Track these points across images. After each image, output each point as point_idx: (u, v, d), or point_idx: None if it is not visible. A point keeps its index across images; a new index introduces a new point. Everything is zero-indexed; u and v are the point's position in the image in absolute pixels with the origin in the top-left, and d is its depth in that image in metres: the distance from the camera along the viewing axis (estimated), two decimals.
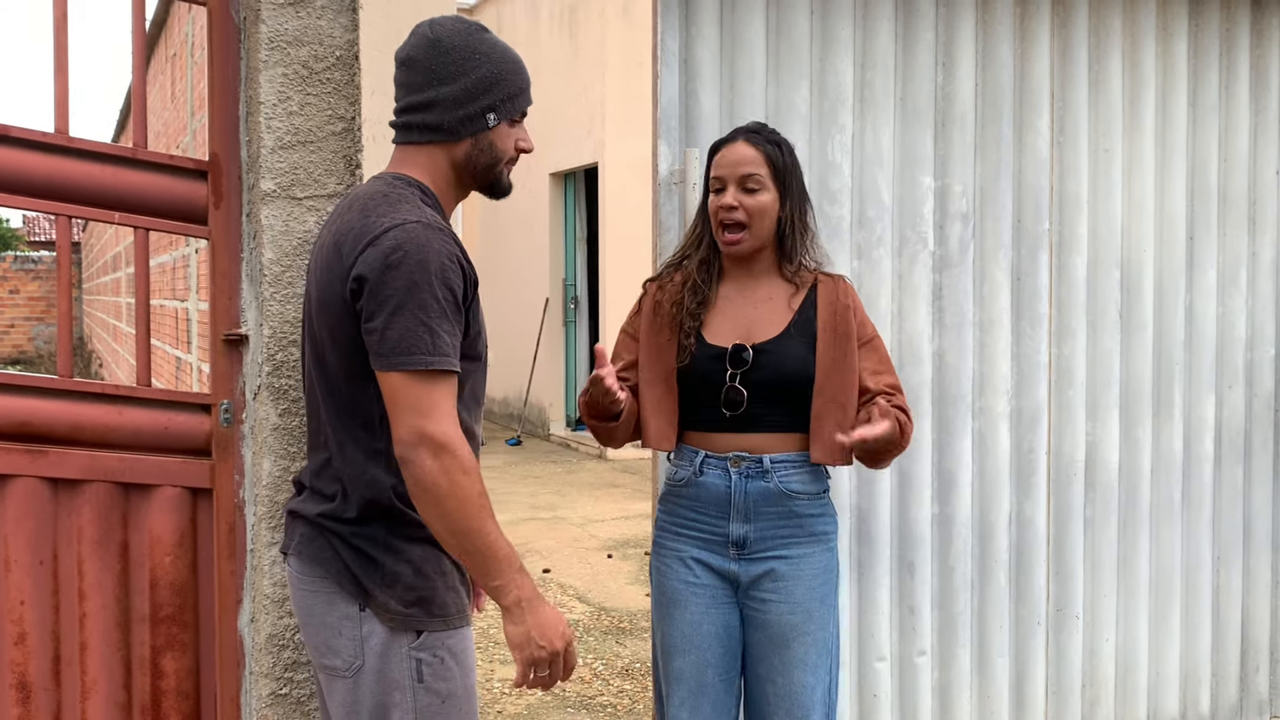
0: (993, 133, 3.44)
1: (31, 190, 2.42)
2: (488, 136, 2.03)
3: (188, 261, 6.14)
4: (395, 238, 1.85)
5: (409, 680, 1.95)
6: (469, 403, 2.03)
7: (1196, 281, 3.76)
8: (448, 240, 1.89)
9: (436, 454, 1.83)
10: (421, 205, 1.94)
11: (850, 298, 2.52)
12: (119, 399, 2.52)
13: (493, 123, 2.02)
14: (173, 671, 2.56)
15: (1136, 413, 3.68)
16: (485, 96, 2.00)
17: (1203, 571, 3.81)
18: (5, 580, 2.46)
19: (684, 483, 2.53)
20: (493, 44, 2.03)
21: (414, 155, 2.04)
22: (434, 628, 1.97)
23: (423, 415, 1.83)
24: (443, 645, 1.98)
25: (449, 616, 1.99)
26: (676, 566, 2.54)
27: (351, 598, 1.97)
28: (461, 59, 1.98)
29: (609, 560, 6.80)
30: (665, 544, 2.57)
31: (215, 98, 2.52)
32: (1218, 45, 3.75)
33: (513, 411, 12.98)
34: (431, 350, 1.84)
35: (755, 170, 2.42)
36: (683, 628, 2.51)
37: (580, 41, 11.27)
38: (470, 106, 2.00)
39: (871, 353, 2.51)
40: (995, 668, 3.51)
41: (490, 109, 2.01)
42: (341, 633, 1.98)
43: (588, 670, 4.86)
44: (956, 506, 3.44)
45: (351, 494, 1.97)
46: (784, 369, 2.44)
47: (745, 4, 3.14)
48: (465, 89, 1.99)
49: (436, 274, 1.85)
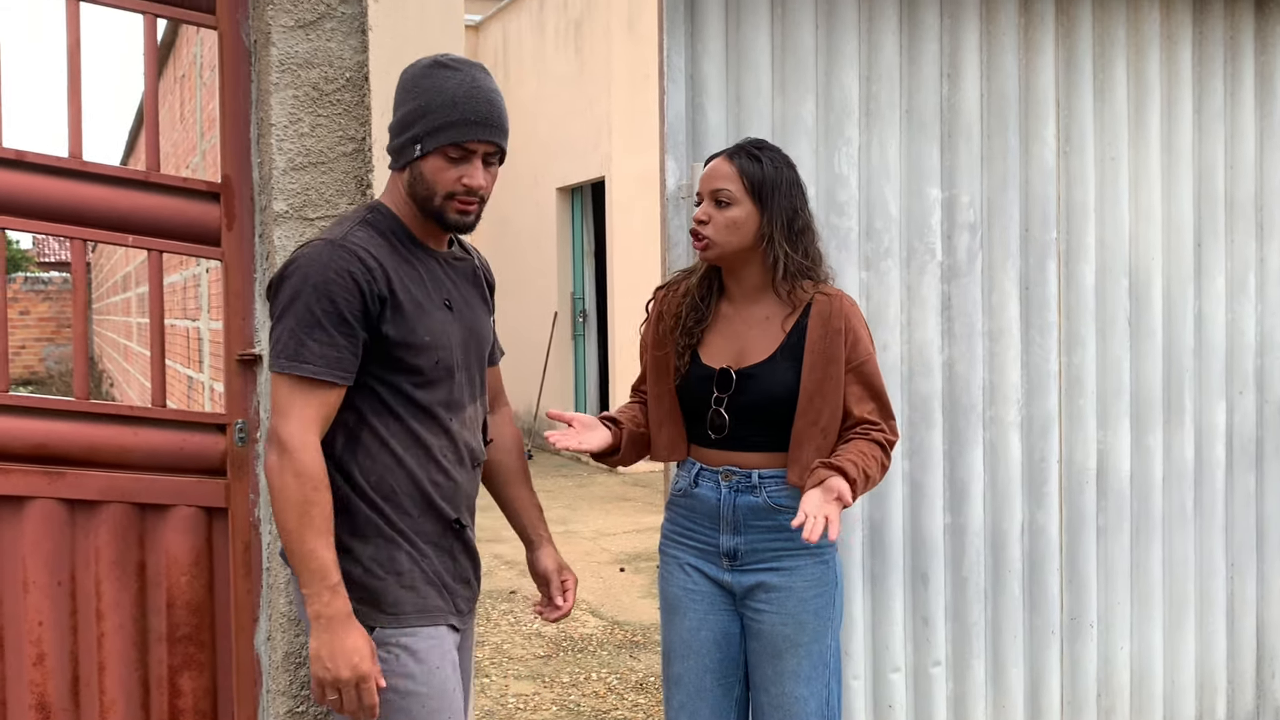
0: (999, 143, 3.45)
1: (48, 214, 2.45)
2: (419, 167, 2.08)
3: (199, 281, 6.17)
4: (295, 254, 2.04)
5: None
6: (417, 414, 2.10)
7: (1205, 288, 3.76)
8: (345, 256, 2.00)
9: (278, 452, 1.98)
10: (354, 226, 2.07)
11: (845, 319, 2.45)
12: (135, 420, 2.54)
13: (418, 153, 2.06)
14: (190, 690, 2.58)
15: (1147, 420, 3.68)
16: (413, 127, 2.07)
17: (1217, 578, 3.81)
18: (24, 601, 2.47)
19: (682, 493, 2.59)
20: (439, 80, 2.06)
21: (393, 180, 2.18)
22: (386, 624, 2.06)
23: (277, 413, 1.99)
24: (397, 643, 2.06)
25: (403, 614, 2.07)
26: (676, 573, 2.59)
27: None
28: (403, 91, 2.10)
29: (621, 574, 6.81)
30: (667, 550, 2.63)
31: (227, 120, 2.54)
32: (1222, 52, 3.76)
33: (523, 425, 12.99)
34: (292, 356, 1.98)
35: (726, 185, 2.44)
36: (682, 633, 2.56)
37: (586, 56, 11.31)
38: (402, 136, 2.10)
39: (860, 378, 2.46)
40: (1010, 678, 3.51)
41: (416, 140, 2.07)
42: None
43: (602, 685, 4.86)
44: (969, 516, 3.44)
45: None
46: (768, 394, 2.45)
47: (750, 19, 3.16)
48: (400, 119, 2.10)
49: (317, 286, 1.98)
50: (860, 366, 2.45)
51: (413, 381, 2.08)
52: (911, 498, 3.38)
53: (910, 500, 3.38)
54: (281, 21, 2.44)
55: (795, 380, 2.43)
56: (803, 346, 2.44)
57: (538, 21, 12.48)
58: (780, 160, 2.49)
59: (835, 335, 2.43)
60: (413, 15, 2.55)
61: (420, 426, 2.10)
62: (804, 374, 2.43)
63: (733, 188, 2.44)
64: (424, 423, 2.11)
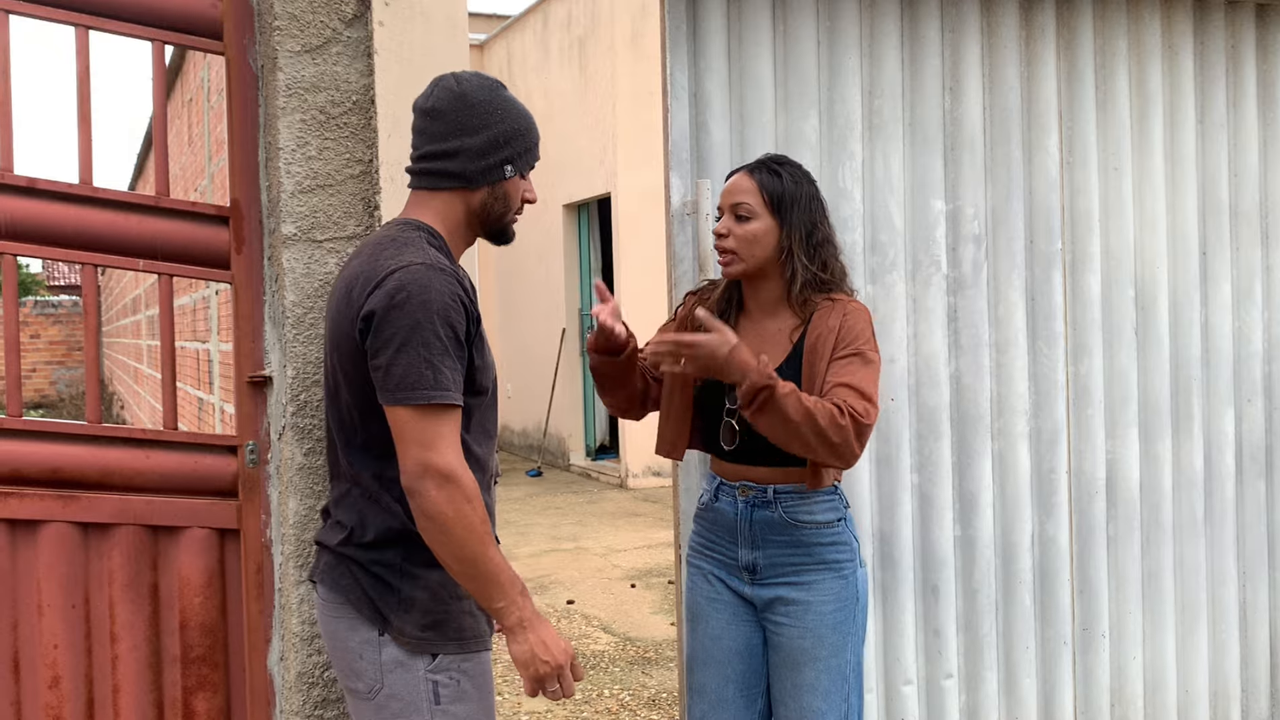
0: (1002, 155, 3.46)
1: (60, 240, 2.47)
2: (503, 186, 2.15)
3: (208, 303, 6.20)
4: (399, 279, 1.95)
5: (426, 703, 2.03)
6: (478, 436, 2.12)
7: (1211, 296, 3.76)
8: (450, 280, 1.98)
9: (441, 485, 1.91)
10: (426, 247, 2.03)
11: (842, 318, 2.42)
12: (147, 443, 2.56)
13: (509, 174, 2.14)
14: (204, 712, 2.59)
15: (1156, 429, 3.68)
16: (505, 149, 2.12)
17: (1228, 587, 3.80)
18: (39, 624, 2.49)
19: (705, 506, 2.63)
20: (512, 101, 2.16)
21: (429, 200, 2.14)
22: (449, 650, 2.05)
23: (427, 447, 1.92)
24: (458, 668, 2.05)
25: (465, 640, 2.07)
26: (700, 583, 2.62)
27: (371, 623, 2.05)
28: (485, 113, 2.10)
29: (632, 590, 6.80)
30: (693, 561, 2.66)
31: (235, 144, 2.57)
32: (1224, 61, 3.77)
33: (532, 443, 13.01)
34: (433, 385, 1.93)
35: (746, 200, 2.47)
36: (704, 641, 2.59)
37: (590, 74, 11.36)
38: (492, 158, 2.11)
39: (851, 360, 2.37)
40: (1023, 689, 3.51)
41: (508, 161, 2.13)
42: (363, 656, 2.05)
43: (614, 701, 4.86)
44: (979, 528, 3.45)
45: (369, 522, 2.06)
46: None
47: (752, 37, 3.18)
48: (488, 141, 2.10)
49: (438, 313, 1.94)
50: (850, 356, 2.38)
51: (477, 403, 2.09)
52: (921, 510, 3.38)
53: (920, 512, 3.38)
54: (288, 47, 2.47)
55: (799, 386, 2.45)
56: (802, 354, 2.46)
57: (542, 40, 12.55)
58: (800, 175, 2.52)
59: (829, 334, 2.43)
60: (418, 38, 2.57)
61: (478, 447, 2.11)
62: (803, 380, 2.44)
63: (752, 202, 2.47)
64: (481, 443, 2.12)
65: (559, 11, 12.06)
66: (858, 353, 2.39)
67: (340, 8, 2.51)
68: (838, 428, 2.25)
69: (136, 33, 2.51)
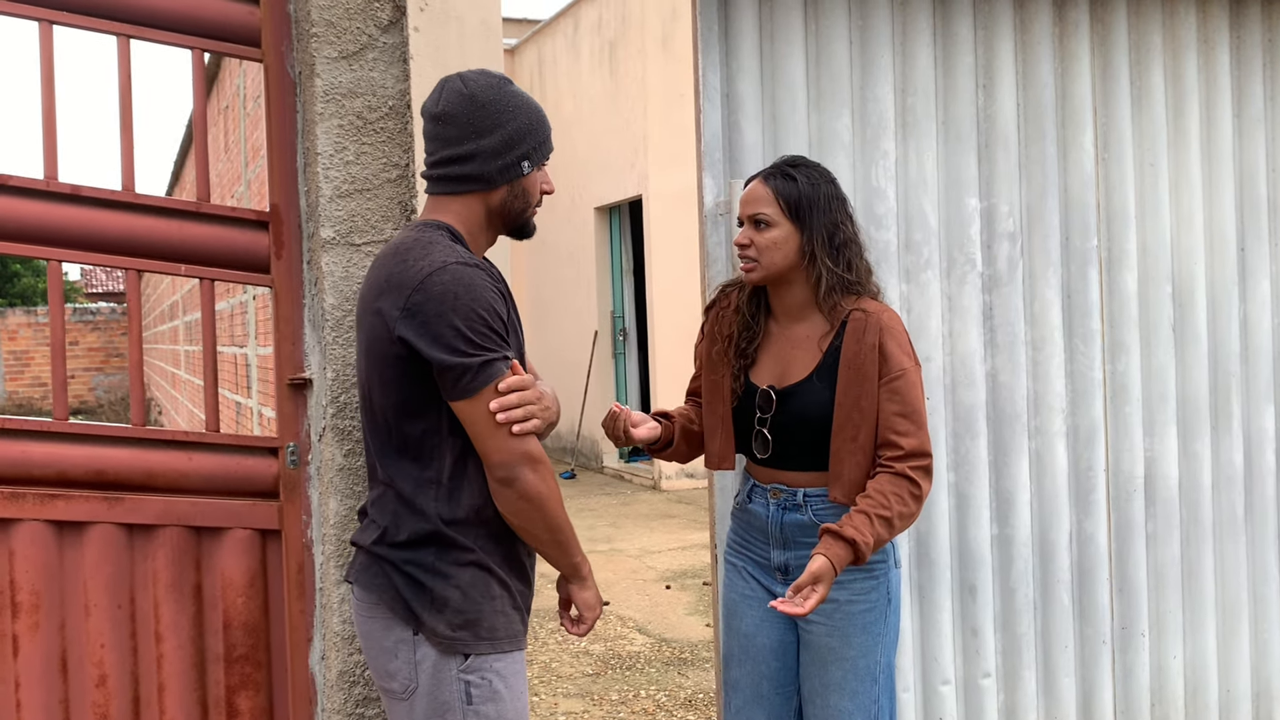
0: (1036, 152, 3.45)
1: (104, 246, 2.51)
2: (521, 183, 2.16)
3: (245, 308, 6.27)
4: (440, 280, 1.98)
5: (459, 703, 2.05)
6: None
7: (1250, 293, 3.73)
8: (483, 274, 2.03)
9: (535, 466, 2.04)
10: (453, 245, 2.06)
11: (881, 334, 2.42)
12: (189, 445, 2.59)
13: (527, 170, 2.15)
14: (247, 710, 2.62)
15: (1195, 427, 3.65)
16: (520, 146, 2.13)
17: (1270, 585, 3.76)
18: (85, 624, 2.53)
19: (740, 506, 2.66)
20: (521, 96, 2.16)
21: (449, 204, 2.16)
22: (481, 650, 2.07)
23: (508, 435, 2.02)
24: (490, 668, 2.07)
25: (497, 640, 2.08)
26: (736, 580, 2.64)
27: (405, 622, 2.07)
28: (497, 112, 2.11)
29: (667, 591, 6.81)
30: (729, 559, 2.69)
31: (274, 150, 2.60)
32: (1261, 55, 3.73)
33: (565, 445, 13.04)
34: (498, 374, 1.99)
35: (763, 209, 2.47)
36: (739, 638, 2.61)
37: (621, 76, 11.39)
38: (508, 156, 2.12)
39: (893, 395, 2.41)
40: (1061, 688, 3.49)
41: (525, 157, 2.14)
42: (397, 656, 2.07)
43: (650, 702, 4.87)
44: (1016, 527, 3.43)
45: (402, 523, 2.08)
46: (806, 414, 2.47)
47: (784, 36, 3.19)
48: (503, 140, 2.11)
49: (484, 306, 1.99)
50: (892, 382, 2.41)
51: None
52: (958, 509, 3.37)
53: (956, 511, 3.37)
54: (325, 53, 2.50)
55: (831, 400, 2.44)
56: (838, 366, 2.45)
57: (573, 43, 12.59)
58: (818, 176, 2.49)
59: (869, 351, 2.42)
60: (453, 43, 2.60)
61: None
62: (839, 392, 2.43)
63: (769, 210, 2.46)
64: None
65: (590, 15, 12.09)
66: (902, 373, 2.42)
67: (376, 14, 2.54)
68: (915, 500, 2.39)
69: (177, 41, 2.55)
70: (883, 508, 2.34)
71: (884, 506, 2.34)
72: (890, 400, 2.41)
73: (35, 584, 2.49)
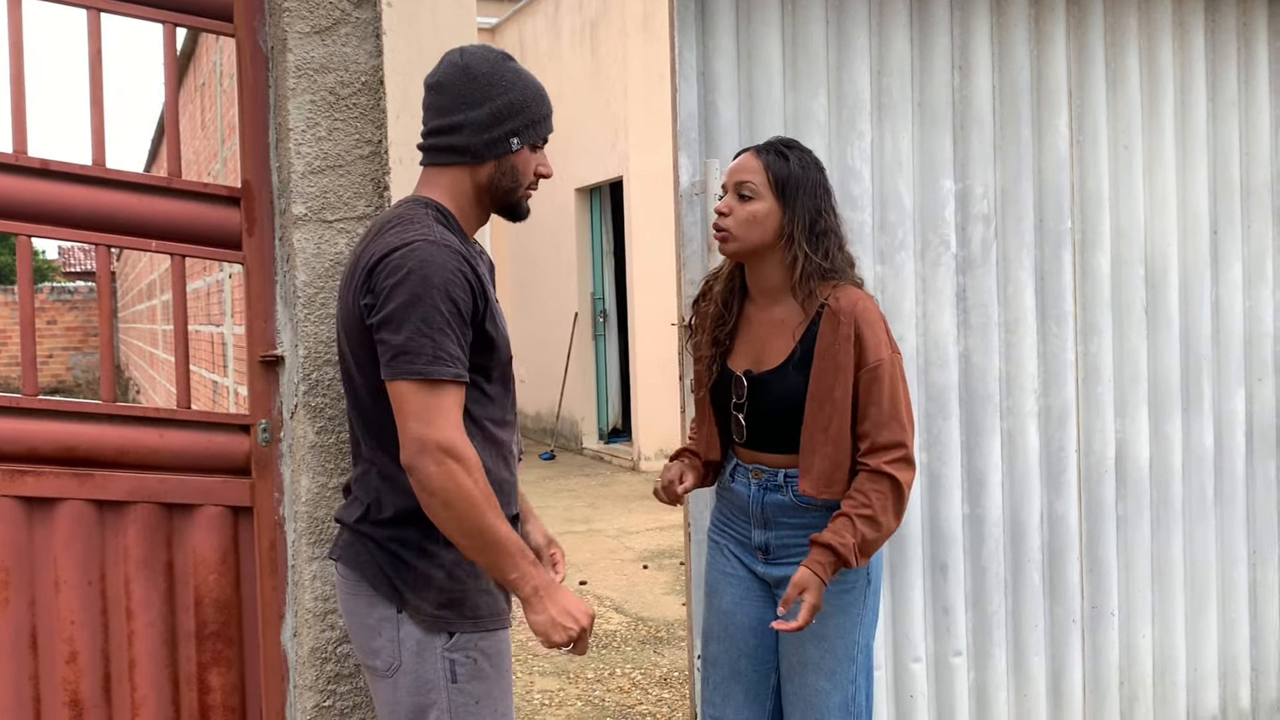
0: (1011, 133, 3.46)
1: (73, 221, 2.49)
2: (510, 160, 2.11)
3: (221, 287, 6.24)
4: (402, 255, 1.94)
5: (443, 680, 2.03)
6: (495, 415, 2.11)
7: (1222, 275, 3.76)
8: (453, 255, 1.97)
9: (440, 460, 1.90)
10: (433, 224, 2.02)
11: (857, 324, 2.40)
12: (160, 421, 2.59)
13: (515, 147, 2.10)
14: (219, 687, 2.62)
15: (1166, 408, 3.69)
16: (509, 121, 2.09)
17: (1238, 566, 3.80)
18: (56, 600, 2.53)
19: (723, 485, 2.67)
20: (519, 72, 2.12)
21: (438, 177, 2.13)
22: (466, 629, 2.05)
23: (426, 423, 1.91)
24: (475, 646, 2.06)
25: (481, 618, 2.07)
26: (718, 557, 2.66)
27: (388, 600, 2.05)
28: (488, 85, 2.07)
29: (645, 571, 6.84)
30: (712, 535, 2.71)
31: (245, 125, 2.58)
32: (1235, 40, 3.75)
33: (545, 426, 13.04)
34: (432, 359, 1.91)
35: (750, 179, 2.45)
36: (719, 615, 2.63)
37: (602, 57, 11.35)
38: (495, 130, 2.08)
39: (870, 386, 2.40)
40: (1031, 666, 3.52)
41: (514, 133, 2.09)
42: (381, 634, 2.06)
43: (626, 680, 4.89)
44: (987, 506, 3.46)
45: (385, 501, 2.06)
46: (778, 401, 2.48)
47: (761, 16, 3.18)
48: (491, 113, 2.07)
49: (439, 288, 1.93)
50: (870, 370, 2.40)
51: (493, 380, 2.08)
52: (930, 488, 3.40)
53: (928, 491, 3.40)
54: (298, 28, 2.48)
55: (805, 388, 2.44)
56: (813, 355, 2.44)
57: (553, 23, 12.53)
58: (809, 161, 2.49)
59: (844, 342, 2.40)
60: (426, 19, 2.58)
61: (494, 426, 2.10)
62: (812, 383, 2.43)
63: (757, 181, 2.45)
64: (498, 422, 2.11)
65: None
66: (879, 364, 2.39)
67: None
68: (895, 492, 2.38)
69: (148, 15, 2.53)
70: (863, 506, 2.37)
71: (864, 505, 2.37)
72: (866, 391, 2.40)
73: (4, 560, 2.48)
